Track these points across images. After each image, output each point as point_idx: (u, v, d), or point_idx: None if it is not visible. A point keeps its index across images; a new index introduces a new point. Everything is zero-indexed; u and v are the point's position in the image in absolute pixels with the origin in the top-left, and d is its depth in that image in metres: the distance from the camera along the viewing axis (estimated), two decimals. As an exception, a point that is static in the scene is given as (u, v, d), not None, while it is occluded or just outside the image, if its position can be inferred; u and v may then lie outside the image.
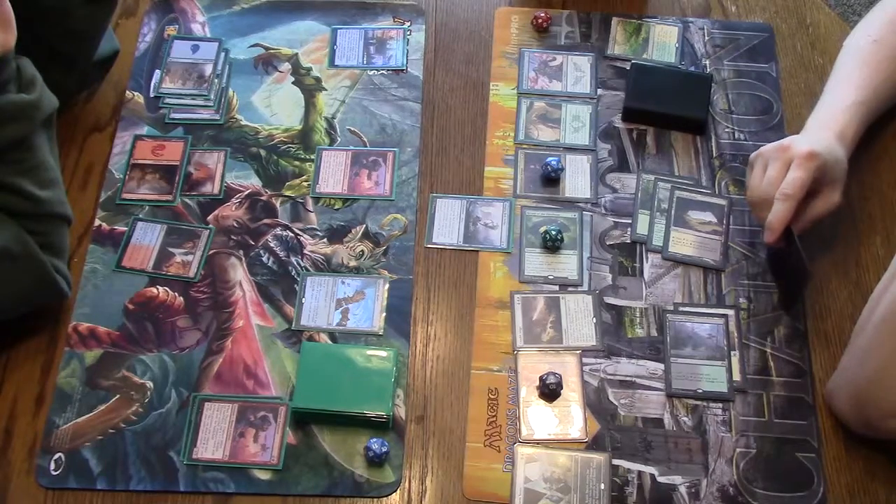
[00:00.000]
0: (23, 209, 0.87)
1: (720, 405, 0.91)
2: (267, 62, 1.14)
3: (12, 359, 0.93)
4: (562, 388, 0.92)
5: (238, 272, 0.99)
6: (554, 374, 0.91)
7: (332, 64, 1.14)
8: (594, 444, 0.89)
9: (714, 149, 1.07)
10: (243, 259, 1.00)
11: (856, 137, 0.97)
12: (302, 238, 1.01)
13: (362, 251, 1.00)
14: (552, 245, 1.00)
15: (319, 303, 0.97)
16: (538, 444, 0.89)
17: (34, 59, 0.89)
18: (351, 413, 0.89)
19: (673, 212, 1.03)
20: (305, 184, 1.05)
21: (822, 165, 0.91)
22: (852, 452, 0.89)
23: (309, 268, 0.99)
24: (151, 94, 1.11)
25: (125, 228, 1.01)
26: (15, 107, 0.85)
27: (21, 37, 0.84)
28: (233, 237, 1.01)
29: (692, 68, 1.13)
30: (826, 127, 0.96)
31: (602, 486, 0.87)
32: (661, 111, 1.08)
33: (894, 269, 0.84)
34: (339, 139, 1.08)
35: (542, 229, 1.01)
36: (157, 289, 0.98)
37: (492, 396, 0.92)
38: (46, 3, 0.94)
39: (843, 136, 0.96)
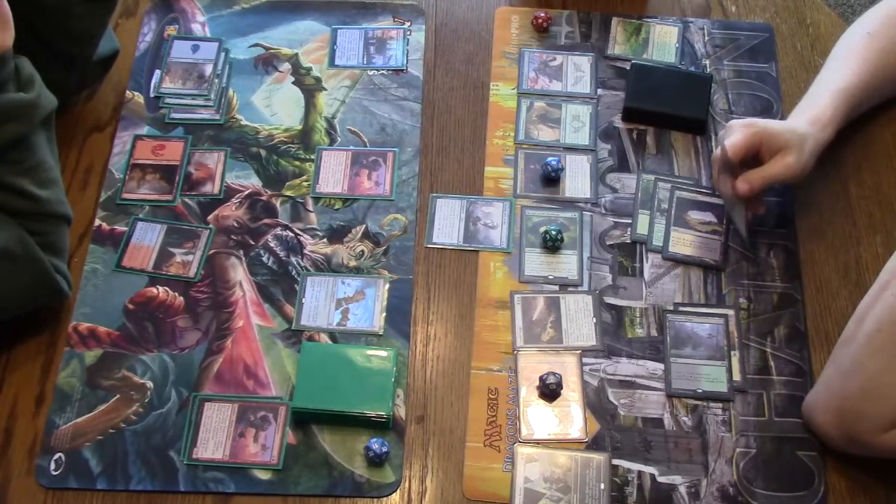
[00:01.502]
0: (23, 209, 0.87)
1: (720, 405, 0.91)
2: (267, 62, 1.14)
3: (12, 359, 0.93)
4: (562, 388, 0.92)
5: (238, 272, 0.99)
6: (554, 374, 0.91)
7: (332, 64, 1.14)
8: (594, 444, 0.89)
9: (714, 149, 1.07)
10: (243, 259, 1.00)
11: (833, 121, 0.97)
12: (302, 238, 1.01)
13: (362, 251, 1.00)
14: (552, 245, 1.00)
15: (319, 303, 0.97)
16: (538, 444, 0.89)
17: (33, 59, 0.89)
18: (351, 413, 0.89)
19: (673, 212, 1.03)
20: (305, 184, 1.05)
21: (764, 131, 0.93)
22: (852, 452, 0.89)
23: (309, 268, 0.99)
24: (151, 94, 1.11)
25: (125, 228, 1.01)
26: (13, 106, 0.85)
27: (20, 36, 0.84)
28: (233, 237, 1.01)
29: (692, 68, 1.13)
30: (802, 113, 0.98)
31: (602, 486, 0.87)
32: (661, 111, 1.08)
33: (882, 282, 0.83)
34: (339, 139, 1.08)
35: (542, 229, 1.01)
36: (157, 289, 0.98)
37: (492, 396, 0.92)
38: (46, 2, 0.94)
39: (817, 120, 0.96)
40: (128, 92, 1.11)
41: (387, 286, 0.98)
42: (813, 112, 0.97)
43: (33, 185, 0.87)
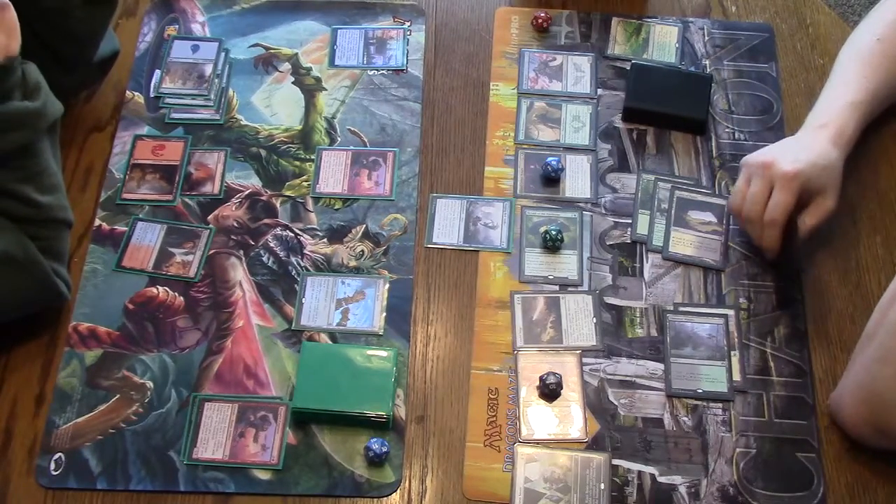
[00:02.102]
0: (24, 215, 0.87)
1: (720, 405, 0.91)
2: (267, 62, 1.14)
3: (12, 359, 0.93)
4: (562, 388, 0.92)
5: (238, 272, 0.99)
6: (554, 374, 0.91)
7: (332, 64, 1.14)
8: (594, 444, 0.89)
9: (714, 149, 1.07)
10: (243, 259, 1.00)
11: (854, 136, 0.97)
12: (302, 238, 1.01)
13: (362, 251, 1.00)
14: (552, 245, 1.00)
15: (319, 303, 0.97)
16: (538, 444, 0.89)
17: (34, 60, 0.89)
18: (351, 413, 0.89)
19: (673, 212, 1.03)
20: (305, 184, 1.05)
21: (807, 181, 0.92)
22: (852, 452, 0.89)
23: (309, 268, 0.99)
24: (151, 94, 1.11)
25: (125, 228, 1.01)
26: (19, 115, 0.84)
27: (22, 38, 0.84)
28: (233, 237, 1.01)
29: (692, 68, 1.13)
30: (823, 126, 0.96)
31: (602, 486, 0.87)
32: (661, 111, 1.08)
33: None
34: (339, 139, 1.08)
35: (543, 229, 1.01)
36: (157, 289, 0.98)
37: (492, 396, 0.92)
38: (47, 4, 0.94)
39: (841, 136, 0.96)
40: (128, 92, 1.11)
41: (387, 286, 0.98)
42: (835, 125, 0.96)
43: (35, 192, 0.87)
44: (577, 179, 1.05)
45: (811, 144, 0.95)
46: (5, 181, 0.85)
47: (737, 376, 0.93)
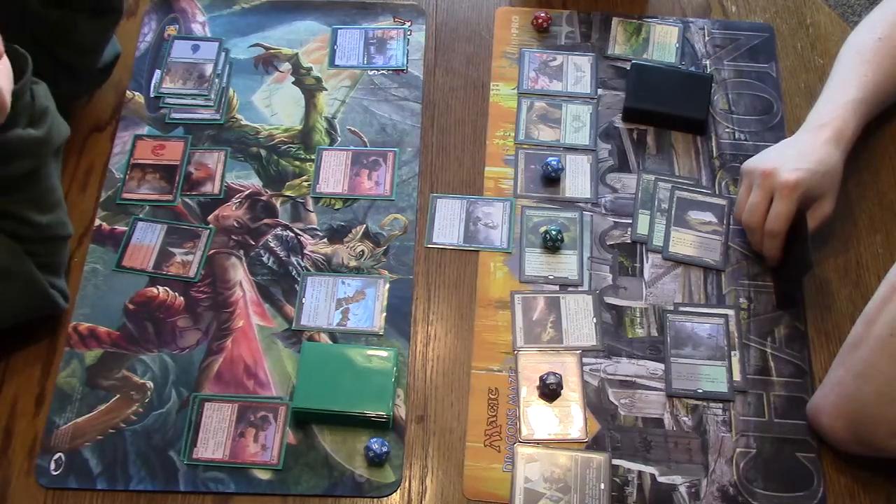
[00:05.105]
0: (24, 235, 0.86)
1: (720, 405, 0.91)
2: (267, 62, 1.14)
3: (13, 359, 0.93)
4: (562, 388, 0.92)
5: (238, 272, 0.99)
6: (554, 374, 0.91)
7: (332, 64, 1.14)
8: (594, 444, 0.89)
9: (714, 149, 1.07)
10: (243, 259, 1.00)
11: (855, 134, 0.97)
12: (302, 238, 1.01)
13: (362, 251, 1.00)
14: (552, 245, 1.00)
15: (319, 303, 0.97)
16: (538, 444, 0.89)
17: (39, 70, 0.88)
18: (351, 413, 0.89)
19: (673, 212, 1.03)
20: (306, 184, 1.05)
21: (807, 189, 0.92)
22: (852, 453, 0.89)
23: (309, 268, 0.99)
24: (152, 94, 1.11)
25: (125, 228, 1.01)
26: (23, 143, 0.83)
27: (27, 49, 0.84)
28: (233, 237, 1.01)
29: (692, 68, 1.13)
30: (825, 125, 0.97)
31: (602, 486, 0.87)
32: (661, 111, 1.08)
33: (891, 283, 0.81)
34: (339, 139, 1.08)
35: (543, 229, 1.01)
36: (158, 289, 0.98)
37: (492, 396, 0.92)
38: (52, 17, 0.94)
39: (842, 134, 0.96)
40: (128, 92, 1.11)
41: (387, 286, 0.98)
42: (836, 124, 0.96)
43: (37, 213, 0.86)
44: (578, 179, 1.05)
45: (812, 147, 0.95)
46: (7, 204, 0.85)
47: (737, 376, 0.93)
